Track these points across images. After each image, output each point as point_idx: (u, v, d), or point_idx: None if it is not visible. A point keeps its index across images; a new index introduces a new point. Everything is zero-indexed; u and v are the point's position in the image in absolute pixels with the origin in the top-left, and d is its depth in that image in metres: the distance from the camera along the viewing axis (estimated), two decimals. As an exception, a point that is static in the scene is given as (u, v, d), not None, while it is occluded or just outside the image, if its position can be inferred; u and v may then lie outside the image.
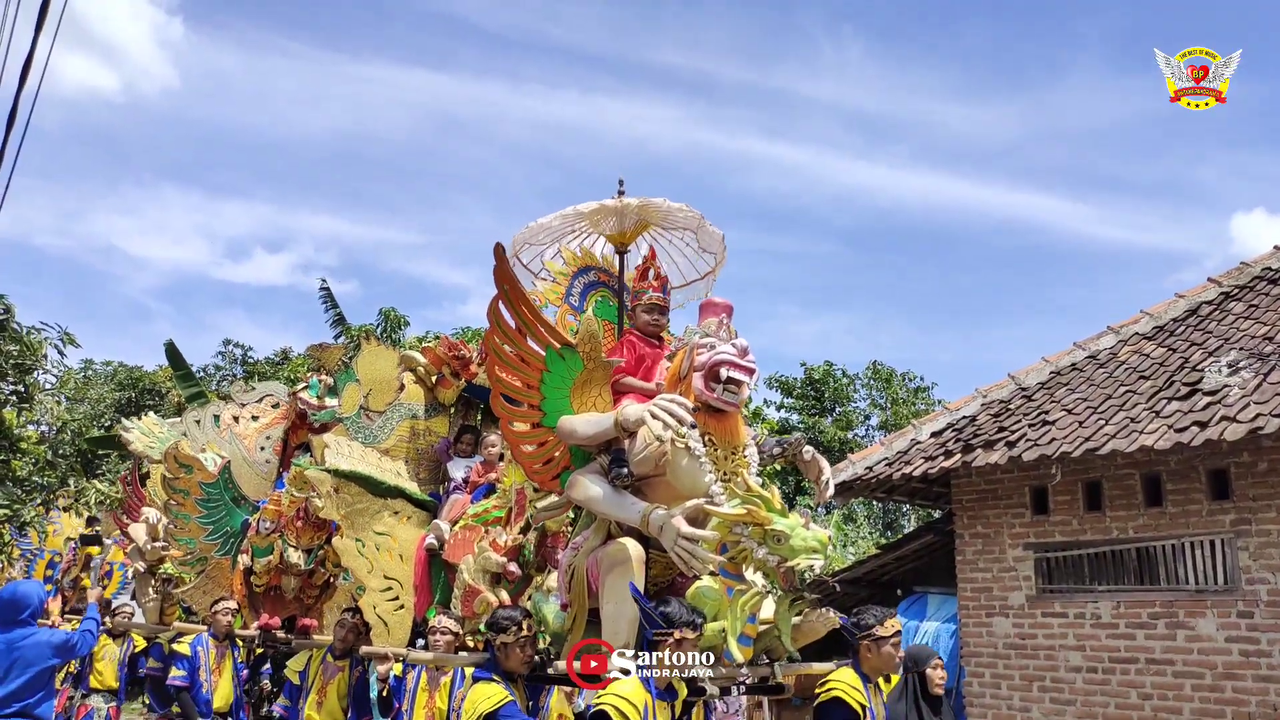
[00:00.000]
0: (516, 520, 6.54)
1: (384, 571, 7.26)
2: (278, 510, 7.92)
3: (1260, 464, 8.46)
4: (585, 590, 4.68)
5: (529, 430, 4.91)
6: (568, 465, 4.90)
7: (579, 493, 4.61)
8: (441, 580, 7.23)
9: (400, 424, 7.99)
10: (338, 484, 7.19)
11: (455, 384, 7.94)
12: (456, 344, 7.89)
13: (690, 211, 5.45)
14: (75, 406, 24.66)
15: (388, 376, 8.35)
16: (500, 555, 6.34)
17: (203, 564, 8.63)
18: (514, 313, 4.72)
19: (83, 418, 23.49)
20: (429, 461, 8.07)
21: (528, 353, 4.78)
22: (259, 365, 25.89)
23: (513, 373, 4.81)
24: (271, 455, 9.45)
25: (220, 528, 8.59)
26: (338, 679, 7.58)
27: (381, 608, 7.13)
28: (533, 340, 4.77)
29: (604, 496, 4.49)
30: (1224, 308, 10.56)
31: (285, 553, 7.87)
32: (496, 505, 6.97)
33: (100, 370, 27.38)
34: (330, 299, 21.44)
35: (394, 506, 7.47)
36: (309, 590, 8.27)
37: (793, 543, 4.13)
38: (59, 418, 19.77)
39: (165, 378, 24.35)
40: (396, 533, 7.43)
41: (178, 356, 16.70)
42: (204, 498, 8.47)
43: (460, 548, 6.93)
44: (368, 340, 8.88)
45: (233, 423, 9.75)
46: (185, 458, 8.44)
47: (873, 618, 4.64)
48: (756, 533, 4.20)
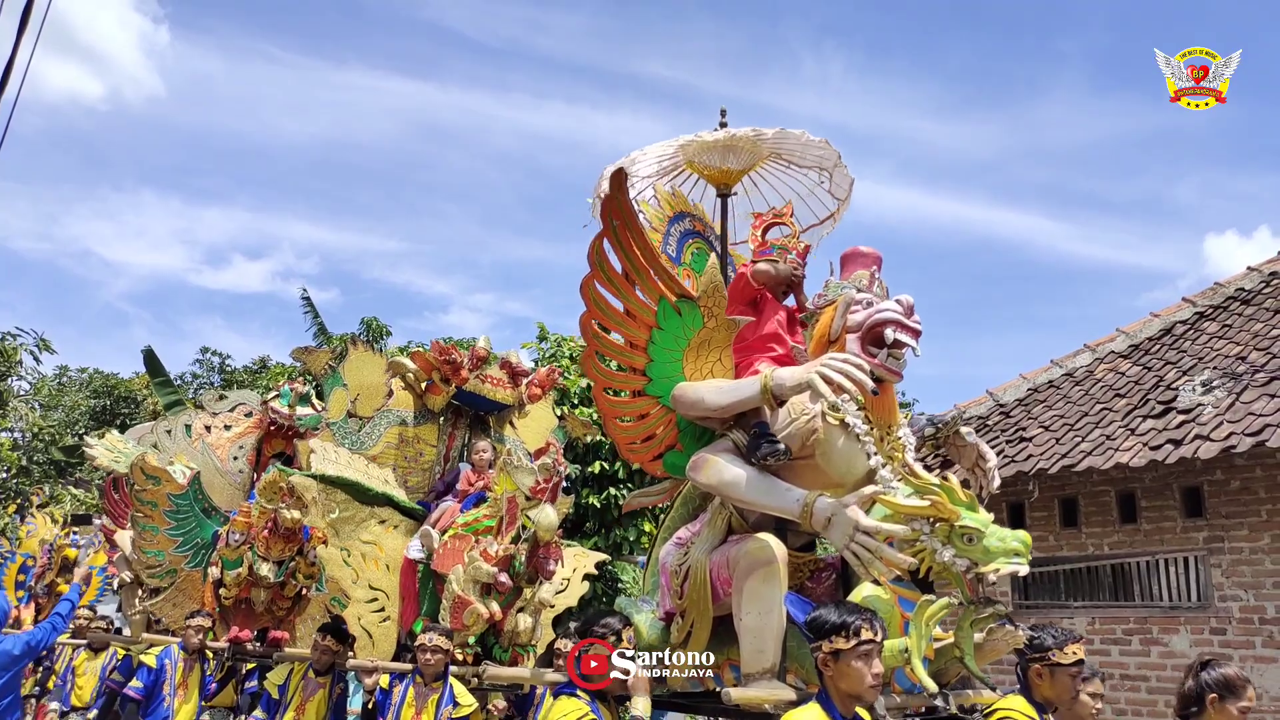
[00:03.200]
0: (508, 530, 5.63)
1: (369, 582, 6.09)
2: (247, 522, 6.66)
3: (1233, 482, 7.49)
4: (709, 596, 3.16)
5: (628, 400, 3.40)
6: (672, 444, 3.40)
7: (708, 476, 3.11)
8: (429, 591, 6.09)
9: (388, 430, 6.83)
10: (324, 490, 5.91)
11: (445, 390, 6.68)
12: (448, 348, 6.61)
13: (829, 149, 4.06)
14: (50, 413, 21.85)
15: (375, 382, 7.16)
16: (491, 565, 5.44)
17: (173, 576, 7.11)
18: (622, 255, 3.24)
19: (57, 425, 20.84)
20: (417, 469, 6.83)
21: (635, 305, 3.30)
22: (237, 373, 23.25)
23: (615, 327, 3.32)
24: (244, 465, 8.08)
25: (190, 539, 7.16)
26: (318, 696, 6.16)
27: (366, 619, 5.92)
28: (642, 290, 3.29)
29: (747, 481, 3.00)
30: (1198, 327, 9.53)
31: (255, 565, 6.62)
32: (487, 514, 5.96)
33: (75, 377, 24.33)
34: (311, 308, 19.40)
35: (381, 515, 6.27)
36: (280, 602, 6.93)
37: (987, 543, 2.80)
38: (34, 424, 17.26)
39: (141, 385, 21.75)
40: (383, 542, 6.19)
41: (156, 364, 14.56)
42: (173, 509, 7.05)
43: (449, 557, 5.87)
44: (355, 345, 7.50)
45: (205, 432, 8.30)
46: (152, 469, 6.95)
47: (1050, 638, 3.21)
48: (942, 530, 2.84)
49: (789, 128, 4.02)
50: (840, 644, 2.36)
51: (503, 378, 6.78)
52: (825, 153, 4.19)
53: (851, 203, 4.39)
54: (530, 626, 5.52)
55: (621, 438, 3.41)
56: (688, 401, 3.22)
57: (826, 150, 4.15)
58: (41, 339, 13.25)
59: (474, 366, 6.57)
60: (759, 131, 3.98)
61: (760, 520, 3.22)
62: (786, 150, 4.23)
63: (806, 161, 4.34)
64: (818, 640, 2.40)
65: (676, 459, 3.37)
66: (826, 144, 4.11)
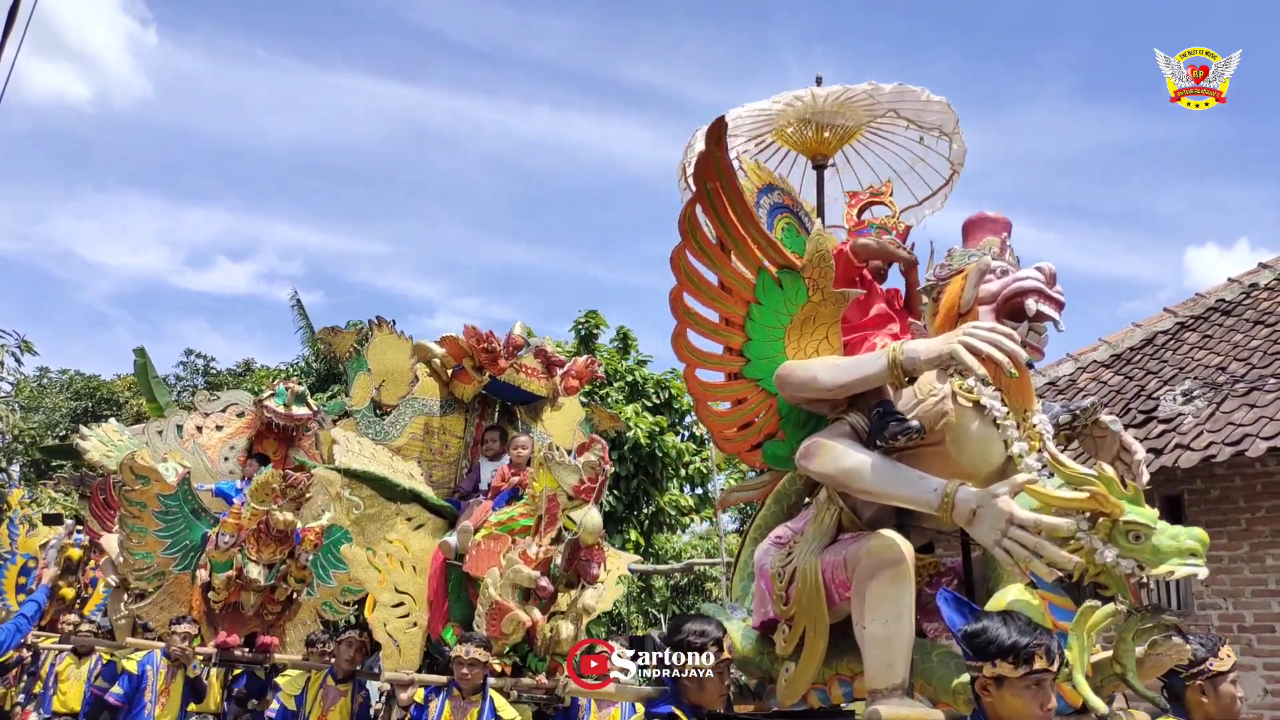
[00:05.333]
0: (547, 529, 5.24)
1: (396, 584, 5.57)
2: (237, 524, 6.41)
3: (1213, 491, 7.30)
4: (823, 601, 2.76)
5: (723, 384, 3.02)
6: (772, 431, 3.00)
7: (824, 464, 2.70)
8: (460, 595, 5.64)
9: (413, 420, 6.34)
10: (348, 485, 5.43)
11: (476, 379, 6.18)
12: (485, 335, 6.03)
13: (950, 111, 3.69)
14: (30, 415, 21.11)
15: (401, 367, 6.68)
16: (531, 568, 5.07)
17: (161, 579, 6.73)
18: (717, 221, 2.86)
19: (38, 427, 20.11)
20: (442, 462, 6.34)
21: (732, 277, 2.91)
22: (221, 376, 22.61)
23: (709, 302, 2.93)
24: (236, 466, 7.73)
25: (179, 541, 6.80)
26: (340, 704, 5.78)
27: (392, 625, 5.45)
28: (739, 260, 2.90)
29: (872, 468, 2.60)
30: (1179, 337, 9.52)
31: (245, 568, 6.37)
32: (524, 513, 5.59)
33: (56, 379, 23.56)
34: (302, 311, 18.83)
35: (408, 512, 5.77)
36: (270, 607, 6.69)
37: (1156, 541, 2.43)
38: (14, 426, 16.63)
39: (124, 387, 21.06)
40: (410, 542, 5.71)
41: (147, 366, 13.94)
42: (162, 510, 6.71)
43: (483, 559, 5.42)
44: (380, 327, 6.92)
45: (196, 433, 7.94)
46: (141, 468, 6.57)
47: (1203, 646, 2.85)
48: (1104, 526, 2.45)
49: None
50: (1006, 671, 1.98)
51: (538, 367, 6.34)
52: (945, 115, 3.82)
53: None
54: (572, 635, 5.09)
55: (715, 425, 3.02)
56: (797, 382, 2.83)
57: (947, 112, 3.78)
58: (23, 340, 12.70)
59: (509, 355, 6.11)
60: (876, 86, 3.61)
61: (876, 515, 2.84)
62: (906, 108, 3.84)
63: (926, 121, 3.96)
64: (979, 660, 2.02)
65: (777, 448, 2.99)
66: (947, 105, 3.74)
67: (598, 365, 6.71)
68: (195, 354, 24.62)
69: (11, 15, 4.03)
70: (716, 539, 15.80)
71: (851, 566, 2.66)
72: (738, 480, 18.87)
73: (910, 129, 3.90)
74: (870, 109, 3.80)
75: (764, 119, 3.90)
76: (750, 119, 3.91)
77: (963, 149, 3.98)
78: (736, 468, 19.01)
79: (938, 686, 2.68)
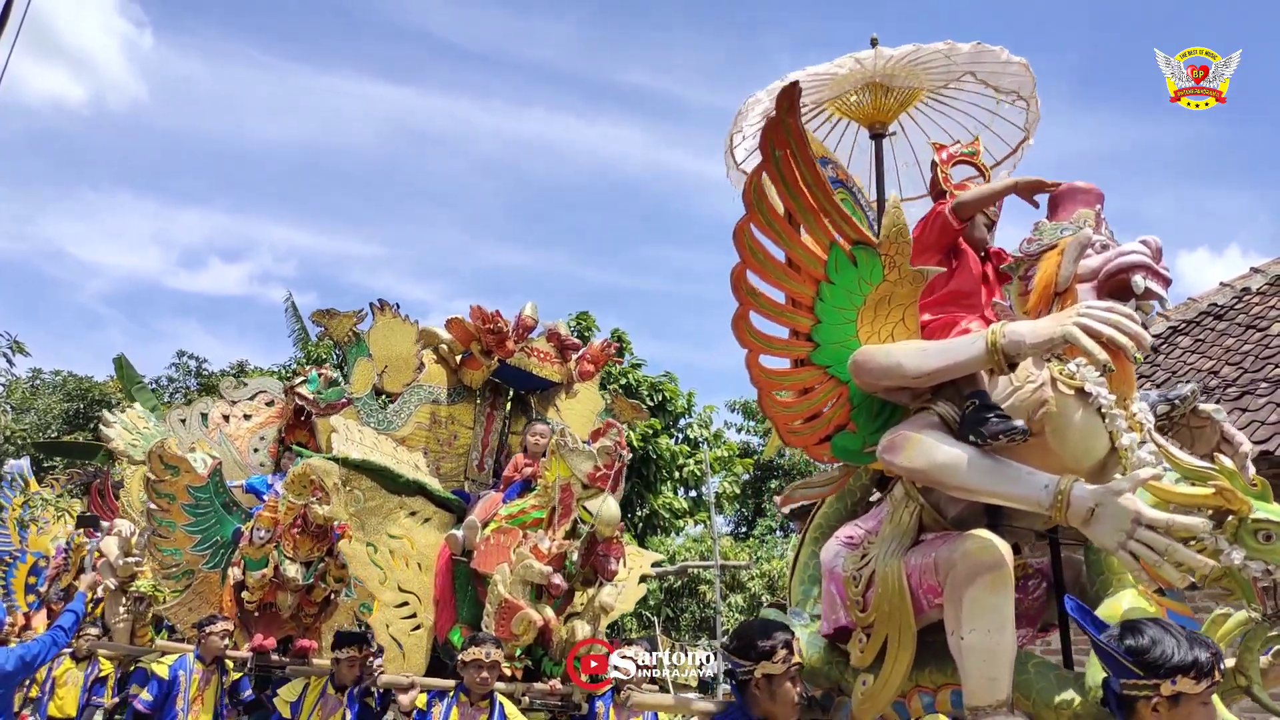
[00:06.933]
0: (561, 522, 4.89)
1: (399, 583, 5.17)
2: (274, 518, 5.74)
3: None
4: (909, 608, 2.49)
5: (789, 371, 2.73)
6: (843, 423, 2.72)
7: (912, 459, 2.42)
8: (468, 594, 5.29)
9: (419, 409, 5.93)
10: (347, 476, 5.06)
11: (485, 364, 5.78)
12: (492, 315, 5.61)
13: (1028, 73, 3.42)
14: (22, 416, 20.70)
15: (405, 353, 6.30)
16: (544, 564, 4.73)
17: (189, 578, 6.20)
18: (786, 192, 2.57)
19: (30, 428, 19.68)
20: (451, 454, 5.96)
21: (801, 254, 2.62)
22: (214, 377, 22.15)
23: (775, 281, 2.64)
24: (266, 457, 7.20)
25: (209, 537, 6.26)
26: (339, 715, 5.28)
27: (395, 627, 5.09)
28: (810, 235, 2.61)
29: (969, 463, 2.32)
30: (1172, 341, 9.51)
31: (281, 565, 5.72)
32: (536, 505, 5.16)
33: (49, 380, 23.05)
34: (296, 313, 18.48)
35: (412, 505, 5.41)
36: (307, 608, 6.00)
37: None
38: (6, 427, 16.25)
39: (116, 388, 20.64)
40: (414, 537, 5.33)
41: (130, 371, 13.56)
42: (192, 503, 6.16)
43: (492, 554, 5.02)
44: (382, 310, 6.51)
45: (223, 422, 7.47)
46: (171, 458, 6.07)
47: None
48: (1230, 525, 2.20)
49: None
50: (1187, 687, 1.72)
51: (550, 351, 5.94)
52: (1023, 78, 3.55)
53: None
54: (589, 635, 4.74)
55: (780, 417, 2.72)
56: (878, 369, 2.55)
57: (1024, 75, 3.51)
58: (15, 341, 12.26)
59: (519, 338, 5.69)
60: (952, 45, 3.34)
61: (962, 514, 2.57)
62: (983, 70, 3.56)
63: (1004, 84, 3.66)
64: (1153, 679, 1.75)
65: (848, 441, 2.71)
66: (1026, 67, 3.47)
67: (614, 348, 6.26)
68: (188, 355, 24.14)
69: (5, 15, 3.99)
70: (710, 542, 15.56)
71: (944, 571, 2.39)
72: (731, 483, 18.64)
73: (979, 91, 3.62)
74: (946, 71, 3.51)
75: (826, 83, 3.60)
76: (811, 85, 3.59)
77: (1037, 116, 3.72)
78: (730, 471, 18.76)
79: (1037, 701, 2.43)
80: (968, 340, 2.47)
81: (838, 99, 3.66)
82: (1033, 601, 2.74)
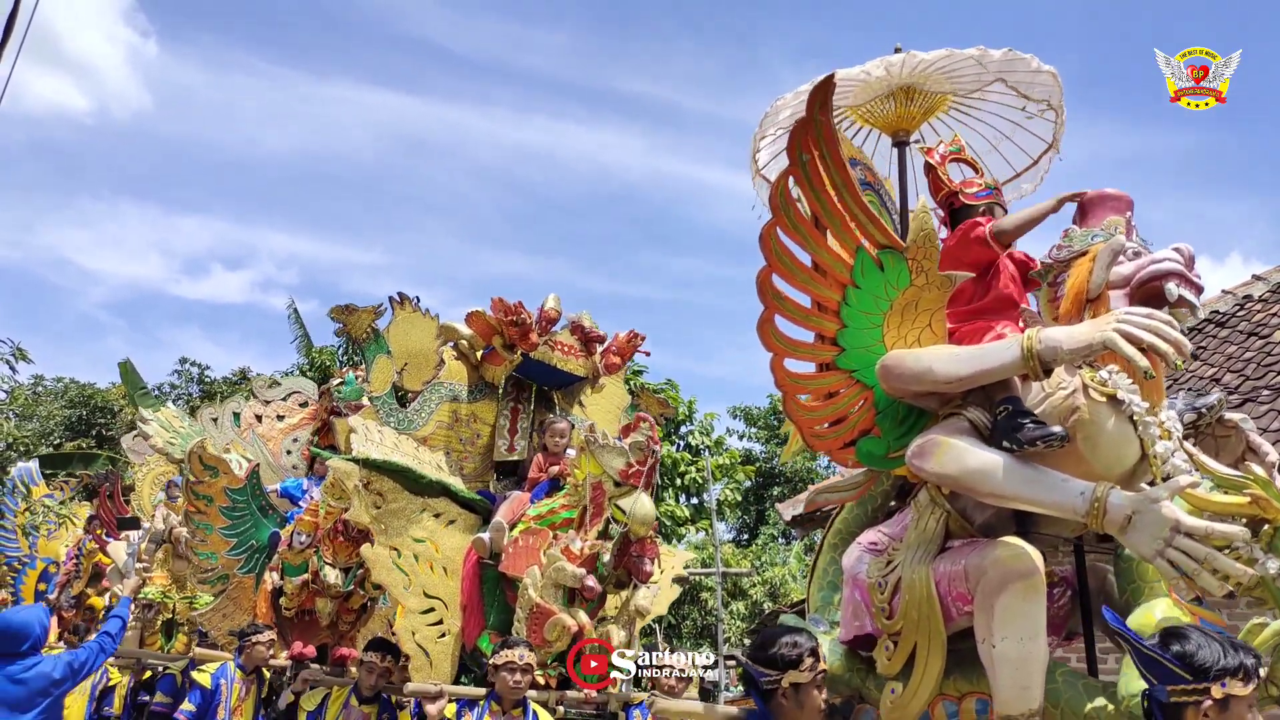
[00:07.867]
0: (593, 522, 4.67)
1: (424, 588, 4.92)
2: (314, 522, 5.59)
3: None
4: (938, 616, 2.45)
5: (814, 375, 2.71)
6: (868, 428, 2.69)
7: (944, 464, 2.39)
8: (497, 598, 5.04)
9: (440, 407, 5.68)
10: (367, 478, 4.84)
11: (508, 359, 5.52)
12: (514, 307, 5.36)
13: (1056, 81, 3.40)
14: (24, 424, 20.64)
15: (425, 349, 6.09)
16: (576, 566, 4.52)
17: (224, 582, 6.10)
18: (813, 195, 2.55)
19: (32, 435, 19.62)
20: (474, 453, 5.71)
21: (827, 257, 2.61)
22: (216, 384, 22.10)
23: (801, 285, 2.62)
24: (299, 460, 7.04)
25: (245, 541, 6.07)
26: None
27: (421, 634, 4.83)
28: (836, 239, 2.60)
29: (1004, 469, 2.29)
30: None
31: (321, 571, 5.56)
32: (565, 504, 4.94)
33: (51, 386, 23.01)
34: (298, 320, 18.47)
35: (436, 507, 5.19)
36: (344, 615, 5.86)
37: None
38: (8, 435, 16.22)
39: (119, 395, 20.60)
40: (439, 540, 5.11)
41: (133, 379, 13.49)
42: (229, 506, 6.00)
43: (521, 557, 4.81)
44: (401, 304, 6.27)
45: (255, 422, 7.34)
46: (211, 459, 5.94)
47: None
48: (1265, 534, 2.17)
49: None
50: (1237, 689, 1.70)
51: (574, 344, 5.63)
52: (1053, 88, 3.53)
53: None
54: (625, 641, 4.55)
55: (804, 421, 2.70)
56: (908, 373, 2.52)
57: (1054, 85, 3.49)
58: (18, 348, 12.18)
59: (543, 330, 5.43)
60: (984, 51, 3.31)
61: (991, 521, 2.53)
62: (1014, 77, 3.54)
63: (1034, 92, 3.65)
64: (1202, 683, 1.72)
65: (873, 446, 2.69)
66: (1055, 76, 3.45)
67: (642, 338, 5.91)
68: (190, 362, 23.90)
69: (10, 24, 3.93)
70: (712, 549, 15.48)
71: (975, 578, 2.36)
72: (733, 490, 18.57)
73: (1003, 100, 3.60)
74: (977, 77, 3.49)
75: (853, 88, 3.57)
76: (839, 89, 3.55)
77: (1063, 127, 3.69)
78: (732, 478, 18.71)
79: (1066, 710, 2.39)
80: (1002, 345, 2.44)
81: (860, 105, 3.64)
82: (1058, 609, 2.71)
